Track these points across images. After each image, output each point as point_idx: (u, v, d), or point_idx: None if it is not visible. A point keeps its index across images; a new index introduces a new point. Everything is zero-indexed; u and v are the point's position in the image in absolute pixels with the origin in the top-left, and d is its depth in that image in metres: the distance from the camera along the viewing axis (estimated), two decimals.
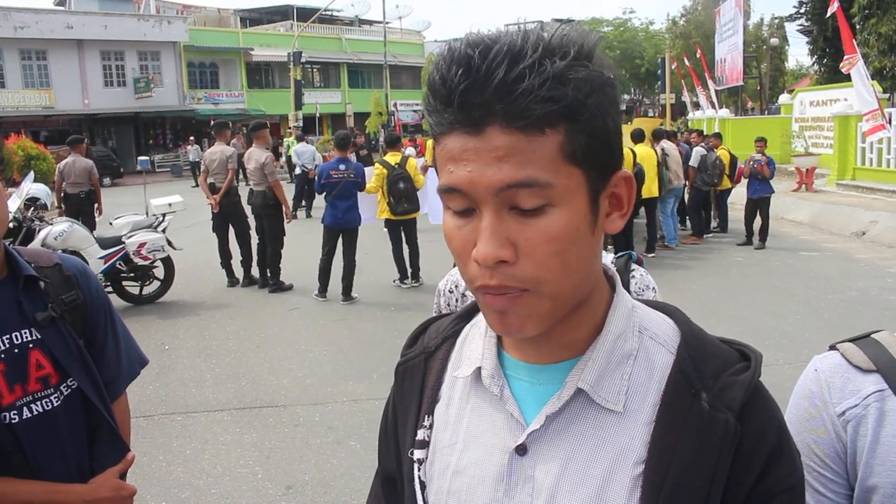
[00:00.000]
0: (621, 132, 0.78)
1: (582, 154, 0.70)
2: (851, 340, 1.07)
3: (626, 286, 1.61)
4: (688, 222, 12.09)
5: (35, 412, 1.50)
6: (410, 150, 9.80)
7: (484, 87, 0.67)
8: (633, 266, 1.66)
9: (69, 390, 1.56)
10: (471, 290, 0.76)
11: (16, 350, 1.49)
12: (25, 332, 1.50)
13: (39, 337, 1.51)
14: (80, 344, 1.58)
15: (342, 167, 8.08)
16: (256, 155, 8.69)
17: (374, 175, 8.42)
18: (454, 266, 1.73)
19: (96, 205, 10.29)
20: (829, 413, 1.02)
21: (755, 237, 10.80)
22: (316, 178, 8.45)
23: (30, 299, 1.53)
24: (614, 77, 0.73)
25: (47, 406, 1.52)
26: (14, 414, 1.48)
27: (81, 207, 9.99)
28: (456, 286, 1.77)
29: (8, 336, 1.48)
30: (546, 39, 0.69)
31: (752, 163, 10.57)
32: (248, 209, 8.96)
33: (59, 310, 1.55)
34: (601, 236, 0.77)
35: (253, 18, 46.34)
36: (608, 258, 1.67)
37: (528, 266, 0.70)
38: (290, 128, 22.08)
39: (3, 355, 1.47)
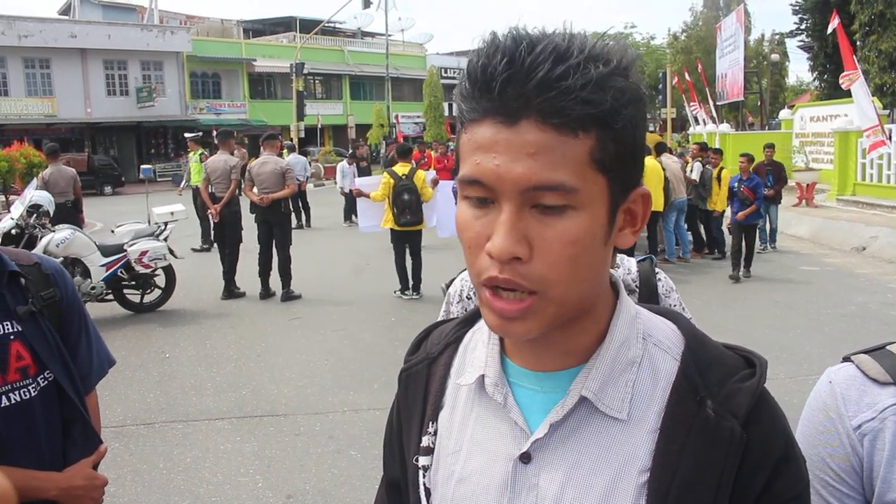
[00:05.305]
0: (645, 149, 0.78)
1: (609, 163, 0.71)
2: (866, 352, 1.03)
3: (654, 289, 1.62)
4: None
5: (13, 401, 1.54)
6: (432, 174, 9.48)
7: (527, 79, 0.68)
8: (657, 269, 1.67)
9: (46, 382, 1.60)
10: (474, 284, 0.76)
11: None
12: (7, 324, 1.55)
13: (20, 329, 1.56)
14: (57, 338, 1.63)
15: None
16: (275, 160, 8.76)
17: (381, 184, 8.47)
18: (465, 270, 1.71)
19: (80, 214, 10.08)
20: (845, 426, 0.98)
21: (742, 264, 9.50)
22: None
23: (12, 294, 1.58)
24: (646, 94, 0.75)
25: (25, 396, 1.56)
26: None
27: (68, 217, 9.72)
28: (474, 292, 1.66)
29: None
30: (590, 45, 0.71)
31: (738, 183, 9.71)
32: (251, 218, 8.93)
33: (38, 305, 1.60)
34: (612, 249, 0.77)
35: (256, 29, 46.54)
36: (632, 263, 1.67)
37: (540, 266, 0.70)
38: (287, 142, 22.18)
39: None
